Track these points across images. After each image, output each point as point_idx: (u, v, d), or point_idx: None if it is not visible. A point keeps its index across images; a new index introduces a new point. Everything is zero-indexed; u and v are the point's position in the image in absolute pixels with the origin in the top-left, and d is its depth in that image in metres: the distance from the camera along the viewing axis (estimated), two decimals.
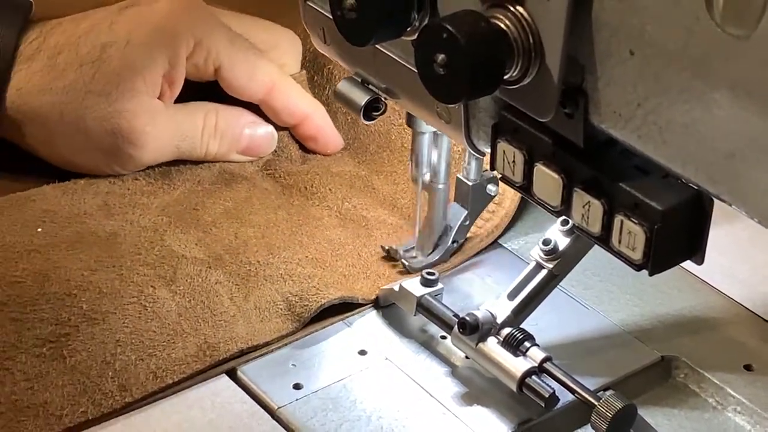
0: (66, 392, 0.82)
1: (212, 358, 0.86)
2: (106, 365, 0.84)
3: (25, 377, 0.83)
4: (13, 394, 0.81)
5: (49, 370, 0.83)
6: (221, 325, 0.88)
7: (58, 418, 0.81)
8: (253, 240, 0.97)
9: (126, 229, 0.97)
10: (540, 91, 0.67)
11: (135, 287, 0.90)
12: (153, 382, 0.84)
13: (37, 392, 0.82)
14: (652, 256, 0.68)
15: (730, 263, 0.99)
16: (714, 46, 0.59)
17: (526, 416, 0.84)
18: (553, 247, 0.86)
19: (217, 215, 1.00)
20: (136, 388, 0.83)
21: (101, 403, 0.82)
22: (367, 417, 0.84)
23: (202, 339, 0.87)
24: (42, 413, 0.80)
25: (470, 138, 0.78)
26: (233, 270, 0.93)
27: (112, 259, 0.93)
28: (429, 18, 0.71)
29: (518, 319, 0.86)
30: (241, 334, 0.88)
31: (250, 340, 0.88)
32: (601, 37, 0.64)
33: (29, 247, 0.94)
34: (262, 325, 0.89)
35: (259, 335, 0.88)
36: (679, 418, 0.87)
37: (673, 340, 0.92)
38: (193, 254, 0.94)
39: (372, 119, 0.87)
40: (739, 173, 0.61)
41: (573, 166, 0.70)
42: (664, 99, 0.62)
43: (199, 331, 0.87)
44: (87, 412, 0.81)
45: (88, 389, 0.82)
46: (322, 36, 0.85)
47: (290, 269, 0.94)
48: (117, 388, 0.83)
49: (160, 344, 0.86)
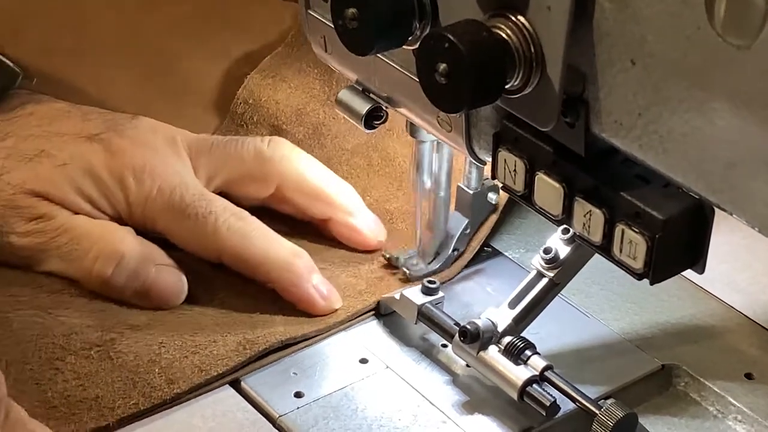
0: (116, 387, 0.84)
1: (252, 351, 0.88)
2: (152, 363, 0.86)
3: (76, 376, 0.85)
4: (66, 390, 0.83)
5: (98, 369, 0.85)
6: (260, 324, 0.91)
7: (111, 410, 0.83)
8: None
9: None
10: (541, 100, 0.67)
11: None
12: (198, 375, 0.86)
13: (88, 389, 0.84)
14: (653, 265, 0.68)
15: (730, 272, 0.99)
16: (715, 56, 0.59)
17: (527, 425, 0.84)
18: (554, 255, 0.86)
19: None
20: (183, 381, 0.85)
21: (151, 395, 0.84)
22: (368, 425, 0.84)
23: (241, 336, 0.89)
24: (95, 406, 0.83)
25: (471, 147, 0.78)
26: None
27: None
28: (430, 27, 0.72)
29: (519, 328, 0.86)
30: (279, 329, 0.90)
31: (288, 333, 0.90)
32: (602, 46, 0.64)
33: None
34: (299, 321, 0.91)
35: (298, 329, 0.90)
36: (680, 427, 0.87)
37: (674, 349, 0.92)
38: (222, 266, 0.96)
39: (373, 128, 0.88)
40: (739, 182, 0.61)
41: (574, 175, 0.70)
42: (664, 108, 0.63)
43: (238, 331, 0.90)
44: (138, 404, 0.83)
45: (138, 384, 0.85)
46: (323, 45, 0.86)
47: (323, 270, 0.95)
48: (165, 381, 0.85)
49: (202, 344, 0.88)
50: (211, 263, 0.95)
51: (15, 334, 0.87)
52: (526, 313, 0.86)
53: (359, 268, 0.97)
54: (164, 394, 0.84)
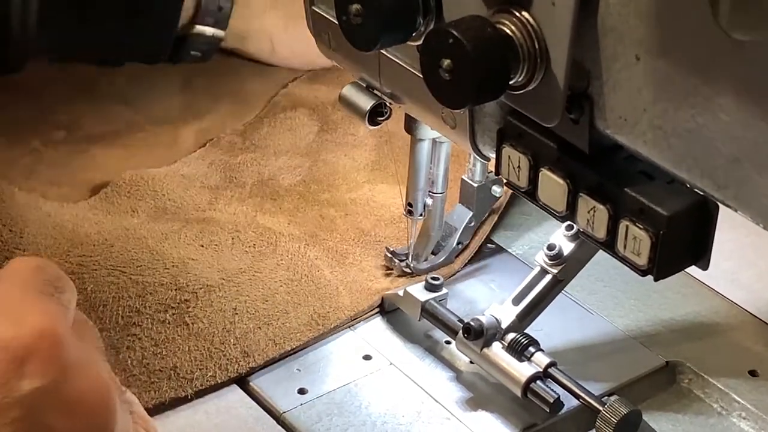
0: (193, 357, 0.86)
1: (324, 326, 0.90)
2: (227, 333, 0.88)
3: (153, 343, 0.87)
4: (144, 358, 0.86)
5: (174, 336, 0.87)
6: (327, 297, 0.93)
7: (189, 381, 0.85)
8: (338, 219, 1.01)
9: (221, 211, 1.01)
10: (545, 96, 0.67)
11: (240, 261, 0.94)
12: (273, 349, 0.88)
13: (165, 357, 0.86)
14: (657, 261, 0.68)
15: (734, 269, 0.99)
16: (720, 52, 0.59)
17: (531, 421, 0.85)
18: (558, 252, 0.86)
19: (296, 201, 1.04)
20: (258, 354, 0.87)
21: (227, 368, 0.86)
22: (372, 422, 0.84)
23: (311, 309, 0.91)
24: (173, 376, 0.85)
25: (475, 143, 0.78)
26: (329, 246, 0.98)
27: (213, 236, 0.97)
28: (434, 23, 0.71)
29: (523, 324, 0.86)
30: (345, 304, 0.92)
31: (356, 308, 0.92)
32: (606, 42, 0.64)
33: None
34: (362, 294, 0.93)
35: (363, 303, 0.93)
36: (684, 424, 0.87)
37: (678, 346, 0.92)
38: (289, 231, 0.98)
39: (377, 124, 0.88)
40: (744, 178, 0.61)
41: (578, 172, 0.70)
42: (669, 104, 0.62)
43: (307, 303, 0.92)
44: (215, 376, 0.86)
45: (214, 355, 0.87)
46: (327, 41, 0.85)
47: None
48: (240, 354, 0.87)
49: (274, 314, 0.90)
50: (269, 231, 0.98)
51: (89, 298, 0.89)
52: (530, 310, 0.86)
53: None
54: (240, 367, 0.87)
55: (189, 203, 1.02)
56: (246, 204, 1.03)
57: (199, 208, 1.02)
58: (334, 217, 1.02)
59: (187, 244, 0.96)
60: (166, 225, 0.98)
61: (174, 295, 0.90)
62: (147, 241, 0.95)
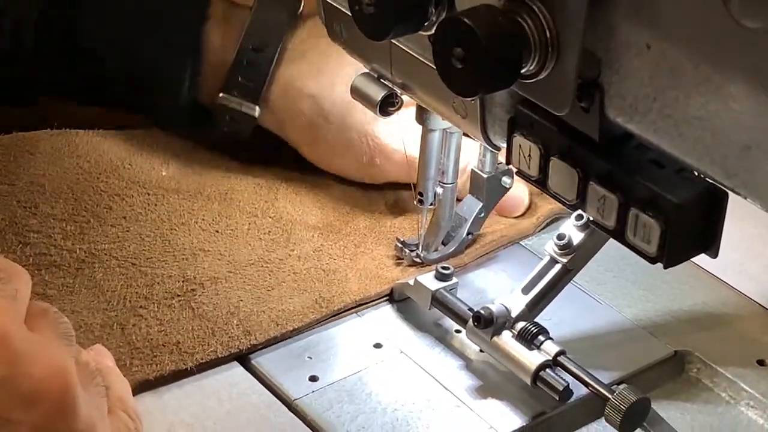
0: (195, 335, 0.88)
1: (328, 309, 0.91)
2: (230, 315, 0.90)
3: (158, 322, 0.89)
4: (149, 335, 0.88)
5: (179, 317, 0.89)
6: (334, 283, 0.94)
7: (191, 355, 0.86)
8: (360, 206, 1.02)
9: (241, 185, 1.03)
10: (556, 85, 0.68)
11: (252, 251, 0.95)
12: (275, 329, 0.89)
13: (169, 334, 0.88)
14: (667, 249, 0.68)
15: (742, 259, 0.99)
16: (730, 40, 0.59)
17: (540, 409, 0.85)
18: (568, 241, 0.86)
19: (325, 181, 1.05)
20: (260, 333, 0.89)
21: (229, 344, 0.88)
22: (382, 409, 0.85)
23: (317, 294, 0.92)
24: (176, 350, 0.87)
25: (486, 132, 0.79)
26: (343, 235, 0.99)
27: (230, 220, 0.98)
28: (446, 12, 0.72)
29: (532, 313, 0.87)
30: (353, 289, 0.93)
31: (363, 293, 0.93)
32: (618, 30, 0.64)
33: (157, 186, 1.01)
34: (371, 281, 0.94)
35: (371, 289, 0.94)
36: (692, 412, 0.87)
37: (686, 335, 0.92)
38: (305, 219, 0.99)
39: (388, 114, 0.88)
40: (754, 166, 0.61)
41: (588, 160, 0.70)
42: (680, 92, 0.63)
43: (314, 289, 0.93)
44: (216, 351, 0.87)
45: (216, 333, 0.88)
46: (339, 32, 0.86)
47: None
48: (242, 332, 0.89)
49: (278, 299, 0.92)
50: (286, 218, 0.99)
51: (98, 284, 0.91)
52: (540, 299, 0.87)
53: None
54: (241, 344, 0.88)
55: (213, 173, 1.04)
56: (273, 175, 1.05)
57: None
58: (356, 202, 1.04)
59: (202, 230, 0.97)
60: (186, 201, 1.00)
61: (181, 285, 0.92)
62: (163, 226, 0.97)
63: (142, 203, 0.99)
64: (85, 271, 0.92)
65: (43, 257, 0.93)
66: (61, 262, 0.93)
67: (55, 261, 0.93)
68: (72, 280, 0.91)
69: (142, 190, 1.00)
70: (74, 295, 0.90)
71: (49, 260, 0.93)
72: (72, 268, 0.92)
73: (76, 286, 0.91)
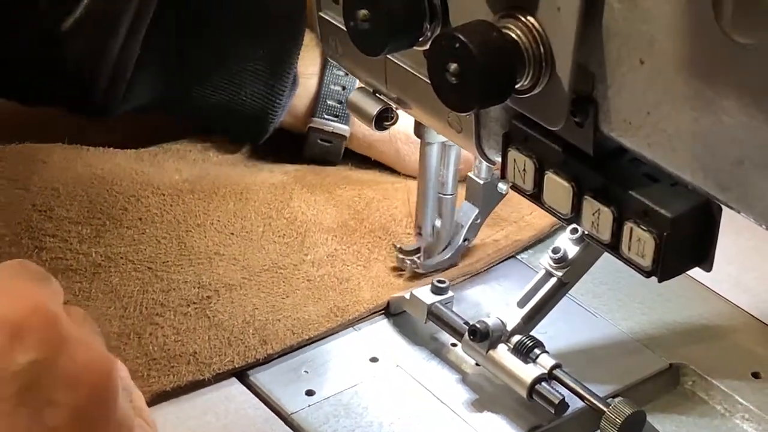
0: (212, 345, 0.88)
1: (343, 318, 0.92)
2: (246, 324, 0.90)
3: (175, 332, 0.89)
4: (165, 345, 0.88)
5: (195, 326, 0.90)
6: (348, 291, 0.95)
7: (208, 366, 0.87)
8: (374, 204, 1.03)
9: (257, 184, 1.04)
10: (550, 99, 0.68)
11: (266, 255, 0.96)
12: (291, 337, 0.90)
13: (186, 344, 0.88)
14: (661, 262, 0.68)
15: (737, 272, 1.00)
16: (722, 55, 0.59)
17: (536, 422, 0.85)
18: (563, 255, 0.86)
19: (339, 179, 1.07)
20: (276, 342, 0.89)
21: (245, 354, 0.88)
22: (378, 423, 0.85)
23: (331, 303, 0.93)
24: (192, 361, 0.87)
25: (481, 147, 0.79)
26: (358, 237, 1.00)
27: (245, 221, 0.99)
28: (441, 28, 0.72)
29: (528, 327, 0.87)
30: (366, 297, 0.94)
31: (376, 301, 0.93)
32: (611, 46, 0.64)
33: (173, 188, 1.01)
34: (383, 290, 0.95)
35: (383, 297, 0.94)
36: (688, 425, 0.88)
37: (681, 348, 0.92)
38: (319, 220, 1.00)
39: (384, 129, 0.89)
40: (747, 180, 0.62)
41: (583, 174, 0.70)
42: (673, 107, 0.63)
43: (328, 298, 0.94)
44: (233, 361, 0.88)
45: (233, 342, 0.89)
46: (334, 46, 0.86)
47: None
48: (259, 342, 0.89)
49: (293, 307, 0.93)
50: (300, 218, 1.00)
51: (115, 289, 0.91)
52: (535, 313, 0.87)
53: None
54: (257, 354, 0.88)
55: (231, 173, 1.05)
56: (286, 175, 1.05)
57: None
58: (370, 199, 1.04)
59: (218, 231, 0.98)
60: (202, 202, 1.00)
61: (197, 292, 0.92)
62: (179, 228, 0.97)
63: (157, 204, 0.99)
64: (102, 276, 0.93)
65: (59, 261, 0.93)
66: (77, 267, 0.93)
67: (71, 265, 0.93)
68: (88, 285, 0.92)
69: (157, 191, 1.00)
70: (91, 300, 0.91)
71: (65, 264, 0.93)
72: (88, 273, 0.93)
73: (93, 291, 0.92)
